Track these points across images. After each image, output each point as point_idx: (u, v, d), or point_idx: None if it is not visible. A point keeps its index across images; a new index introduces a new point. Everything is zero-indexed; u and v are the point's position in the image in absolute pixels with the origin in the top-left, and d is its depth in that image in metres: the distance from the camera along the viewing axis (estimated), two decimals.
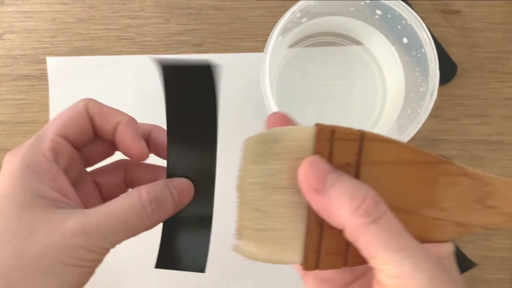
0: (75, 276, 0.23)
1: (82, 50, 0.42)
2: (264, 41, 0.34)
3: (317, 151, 0.20)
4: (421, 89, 0.35)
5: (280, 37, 0.35)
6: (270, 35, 0.34)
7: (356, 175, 0.20)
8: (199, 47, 0.42)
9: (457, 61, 0.42)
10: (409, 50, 0.37)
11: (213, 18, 0.43)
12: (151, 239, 0.41)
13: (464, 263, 0.40)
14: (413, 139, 0.34)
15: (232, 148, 0.42)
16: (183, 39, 0.43)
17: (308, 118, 0.41)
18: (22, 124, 0.42)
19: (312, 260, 0.21)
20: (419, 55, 0.35)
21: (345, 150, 0.20)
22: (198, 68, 0.24)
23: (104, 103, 0.43)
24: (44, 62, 0.42)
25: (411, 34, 0.35)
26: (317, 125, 0.20)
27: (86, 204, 0.25)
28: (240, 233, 0.22)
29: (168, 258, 0.27)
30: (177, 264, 0.28)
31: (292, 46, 0.41)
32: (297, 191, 0.20)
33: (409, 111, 0.36)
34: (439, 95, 0.35)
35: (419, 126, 0.34)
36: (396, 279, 0.18)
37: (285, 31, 0.35)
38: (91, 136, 0.27)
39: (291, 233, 0.21)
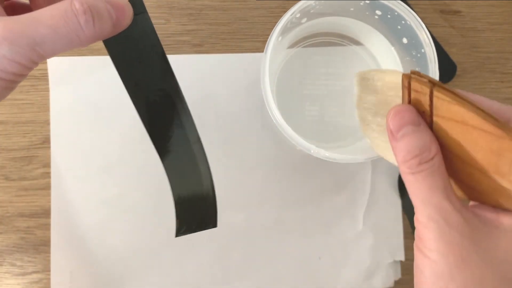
0: None
1: (82, 50, 0.42)
2: (264, 41, 0.34)
3: (402, 96, 0.24)
4: None
5: (280, 38, 0.35)
6: (270, 35, 0.34)
7: (431, 124, 0.23)
8: (199, 47, 0.43)
9: (457, 61, 0.43)
10: (409, 50, 0.37)
11: (213, 19, 0.43)
12: (151, 240, 0.41)
13: None
14: None
15: (232, 147, 0.42)
16: (183, 39, 0.43)
17: (308, 118, 0.41)
18: (22, 124, 0.42)
19: None
20: (418, 55, 0.35)
21: (419, 101, 0.23)
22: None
23: (104, 103, 0.43)
24: (44, 62, 0.42)
25: (410, 34, 0.35)
26: (404, 75, 0.23)
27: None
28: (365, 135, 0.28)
29: (184, 226, 0.28)
30: (192, 229, 0.28)
31: (292, 46, 0.41)
32: None
33: None
34: None
35: None
36: (418, 224, 0.22)
37: (285, 31, 0.35)
38: None
39: (389, 145, 0.25)
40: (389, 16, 0.35)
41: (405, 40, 0.37)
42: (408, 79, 0.23)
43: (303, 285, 0.42)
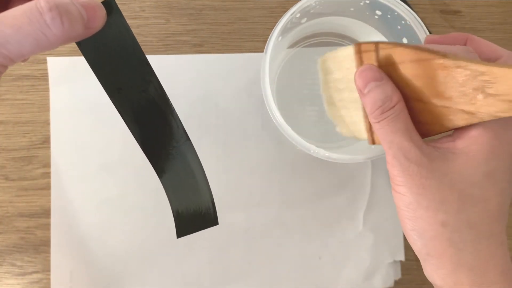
0: None
1: None
2: (264, 41, 0.34)
3: (356, 62, 0.28)
4: None
5: (280, 38, 0.35)
6: (270, 35, 0.34)
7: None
8: (199, 48, 0.43)
9: None
10: None
11: (213, 19, 0.43)
12: (151, 240, 0.41)
13: None
14: None
15: (232, 147, 0.42)
16: (183, 39, 0.43)
17: (308, 118, 0.41)
18: (22, 124, 0.42)
19: (370, 137, 0.29)
20: None
21: (369, 58, 0.27)
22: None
23: (104, 103, 0.43)
24: (44, 62, 0.42)
25: (410, 34, 0.35)
26: (354, 44, 0.28)
27: None
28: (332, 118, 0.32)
29: (183, 225, 0.28)
30: (193, 227, 0.28)
31: (292, 46, 0.41)
32: (352, 90, 0.29)
33: None
34: None
35: None
36: (388, 165, 0.26)
37: (285, 31, 0.35)
38: None
39: (354, 118, 0.29)
40: (389, 16, 0.35)
41: (405, 40, 0.37)
42: (359, 45, 0.27)
43: (303, 285, 0.42)
